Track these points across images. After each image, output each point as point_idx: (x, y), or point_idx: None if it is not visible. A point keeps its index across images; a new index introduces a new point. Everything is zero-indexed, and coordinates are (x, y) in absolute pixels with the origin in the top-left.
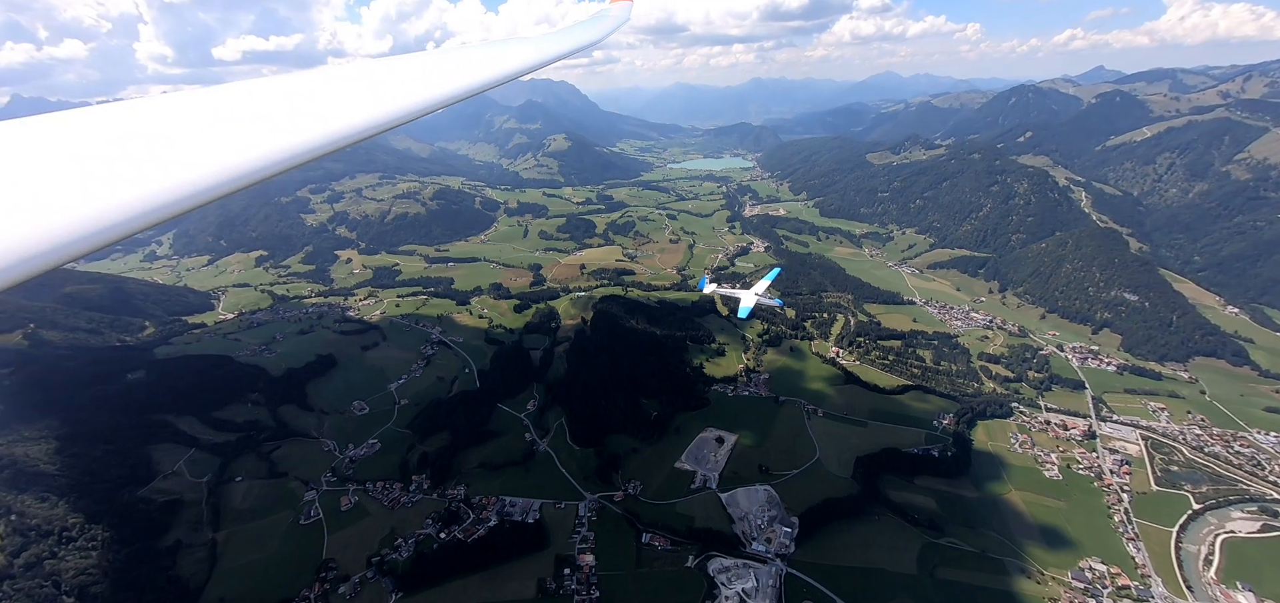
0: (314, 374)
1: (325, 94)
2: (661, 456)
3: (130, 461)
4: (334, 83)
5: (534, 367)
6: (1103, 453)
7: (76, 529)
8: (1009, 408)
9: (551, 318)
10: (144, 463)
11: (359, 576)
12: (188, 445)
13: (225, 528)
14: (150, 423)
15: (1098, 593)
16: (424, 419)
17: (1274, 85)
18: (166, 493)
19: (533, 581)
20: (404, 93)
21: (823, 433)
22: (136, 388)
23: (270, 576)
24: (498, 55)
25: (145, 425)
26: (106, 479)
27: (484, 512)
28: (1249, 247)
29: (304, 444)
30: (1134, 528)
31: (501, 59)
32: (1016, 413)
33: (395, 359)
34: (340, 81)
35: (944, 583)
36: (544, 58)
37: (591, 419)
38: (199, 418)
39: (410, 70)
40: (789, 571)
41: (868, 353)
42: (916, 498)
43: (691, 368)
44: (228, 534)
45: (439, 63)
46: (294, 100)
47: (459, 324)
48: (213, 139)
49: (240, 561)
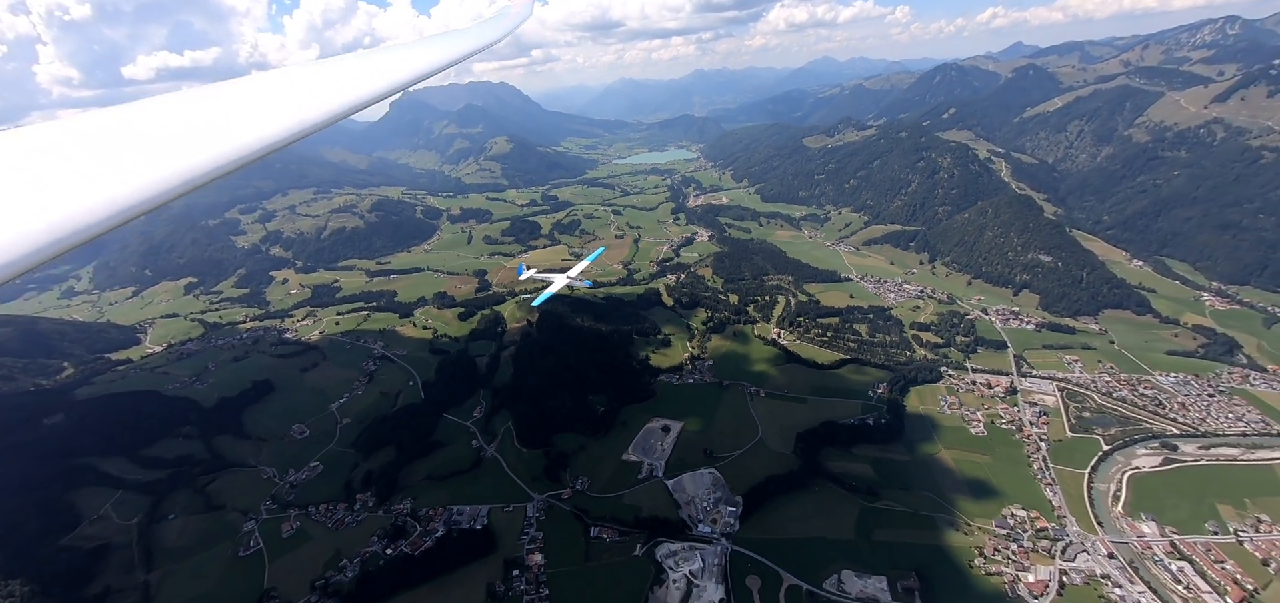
0: (250, 401)
1: (228, 108)
2: (609, 449)
3: (51, 509)
4: (235, 96)
5: (480, 373)
6: (1023, 407)
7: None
8: (938, 372)
9: (497, 323)
10: (67, 510)
11: (303, 601)
12: (114, 487)
13: (160, 568)
14: (72, 468)
15: (1019, 537)
16: (368, 437)
17: (1169, 53)
18: (93, 539)
19: (482, 586)
20: (312, 101)
21: (765, 412)
22: (55, 433)
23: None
24: (401, 59)
25: (66, 471)
26: (25, 532)
27: (431, 523)
28: (1150, 203)
29: (241, 474)
30: (1051, 474)
31: (405, 62)
32: (945, 376)
33: (336, 378)
34: (241, 95)
35: (880, 544)
36: (449, 58)
37: (538, 420)
38: (126, 458)
39: (317, 78)
40: (734, 548)
41: (807, 331)
42: (854, 466)
43: (638, 361)
44: (163, 574)
45: (344, 70)
46: (190, 117)
47: (403, 337)
48: (112, 161)
49: (177, 600)
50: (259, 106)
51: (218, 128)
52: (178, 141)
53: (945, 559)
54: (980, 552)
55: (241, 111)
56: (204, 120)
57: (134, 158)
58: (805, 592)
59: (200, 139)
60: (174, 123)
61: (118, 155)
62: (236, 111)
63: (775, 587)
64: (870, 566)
